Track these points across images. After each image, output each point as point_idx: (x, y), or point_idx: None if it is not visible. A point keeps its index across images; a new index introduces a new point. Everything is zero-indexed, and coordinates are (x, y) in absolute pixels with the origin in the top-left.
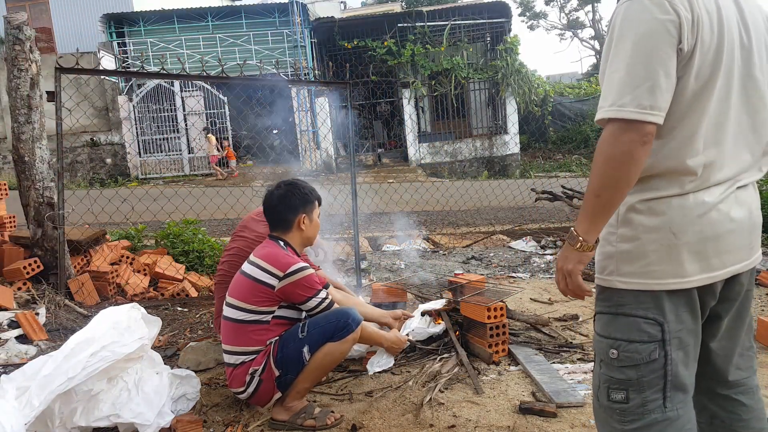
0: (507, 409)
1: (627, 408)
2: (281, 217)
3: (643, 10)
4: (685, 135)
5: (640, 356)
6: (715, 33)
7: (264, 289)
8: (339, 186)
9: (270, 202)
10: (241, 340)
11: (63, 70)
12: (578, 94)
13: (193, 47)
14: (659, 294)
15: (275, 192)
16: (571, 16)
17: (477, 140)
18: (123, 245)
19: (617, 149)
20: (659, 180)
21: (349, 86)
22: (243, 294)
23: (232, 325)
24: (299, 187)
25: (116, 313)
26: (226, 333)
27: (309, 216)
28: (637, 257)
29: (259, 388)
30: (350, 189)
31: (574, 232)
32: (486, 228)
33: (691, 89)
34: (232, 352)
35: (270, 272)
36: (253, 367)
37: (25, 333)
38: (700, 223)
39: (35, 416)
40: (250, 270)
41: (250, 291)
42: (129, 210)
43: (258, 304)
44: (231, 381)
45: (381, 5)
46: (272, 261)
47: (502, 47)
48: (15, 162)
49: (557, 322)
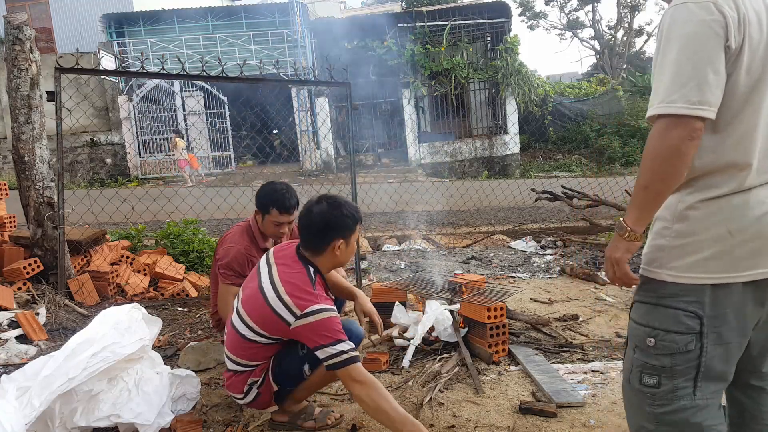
0: (507, 409)
1: (657, 392)
2: (317, 237)
3: (689, 12)
4: (741, 130)
5: (676, 346)
6: (764, 30)
7: (280, 323)
8: (339, 186)
9: (309, 219)
10: (246, 354)
11: (63, 70)
12: (578, 94)
13: (193, 47)
14: (703, 288)
15: (315, 208)
16: (571, 16)
17: (477, 140)
18: (123, 245)
19: (665, 144)
20: (718, 177)
21: (349, 86)
22: (258, 318)
23: (239, 338)
24: (343, 207)
25: (117, 314)
26: (231, 341)
27: (347, 241)
28: (689, 253)
29: (257, 399)
30: (350, 189)
31: (623, 222)
32: (486, 228)
33: (743, 84)
34: (234, 361)
35: (288, 307)
36: (252, 379)
37: (25, 333)
38: (758, 225)
39: (36, 416)
40: (270, 295)
41: (266, 319)
42: (129, 210)
43: (271, 333)
44: (229, 385)
45: (381, 5)
46: (292, 295)
47: (502, 47)
48: (15, 162)
49: (557, 322)
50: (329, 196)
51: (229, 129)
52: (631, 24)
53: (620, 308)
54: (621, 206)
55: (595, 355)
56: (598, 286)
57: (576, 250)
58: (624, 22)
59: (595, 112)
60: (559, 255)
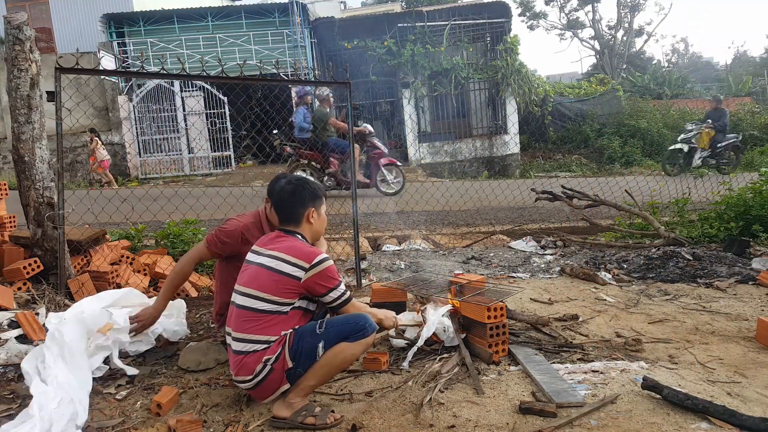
0: (507, 409)
1: None
2: (293, 210)
3: None
4: None
5: None
6: None
7: (290, 281)
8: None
9: (281, 196)
10: (255, 328)
11: (63, 70)
12: (578, 94)
13: (193, 47)
14: None
15: (286, 187)
16: (571, 16)
17: (477, 140)
18: (123, 245)
19: None
20: None
21: (349, 86)
22: (265, 285)
23: (246, 313)
24: (308, 182)
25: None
26: (238, 320)
27: (318, 210)
28: None
29: (268, 377)
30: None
31: None
32: (486, 228)
33: None
34: (243, 340)
35: (296, 264)
36: (267, 356)
37: (25, 333)
38: None
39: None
40: (274, 264)
41: (275, 283)
42: (129, 210)
43: (281, 296)
44: (238, 369)
45: (381, 5)
46: (297, 254)
47: (502, 47)
48: (15, 162)
49: (557, 322)
50: (295, 175)
51: (229, 129)
52: (631, 24)
53: (620, 308)
54: (621, 206)
55: (595, 355)
56: (598, 286)
57: (576, 250)
58: (624, 22)
59: (595, 112)
60: (559, 255)
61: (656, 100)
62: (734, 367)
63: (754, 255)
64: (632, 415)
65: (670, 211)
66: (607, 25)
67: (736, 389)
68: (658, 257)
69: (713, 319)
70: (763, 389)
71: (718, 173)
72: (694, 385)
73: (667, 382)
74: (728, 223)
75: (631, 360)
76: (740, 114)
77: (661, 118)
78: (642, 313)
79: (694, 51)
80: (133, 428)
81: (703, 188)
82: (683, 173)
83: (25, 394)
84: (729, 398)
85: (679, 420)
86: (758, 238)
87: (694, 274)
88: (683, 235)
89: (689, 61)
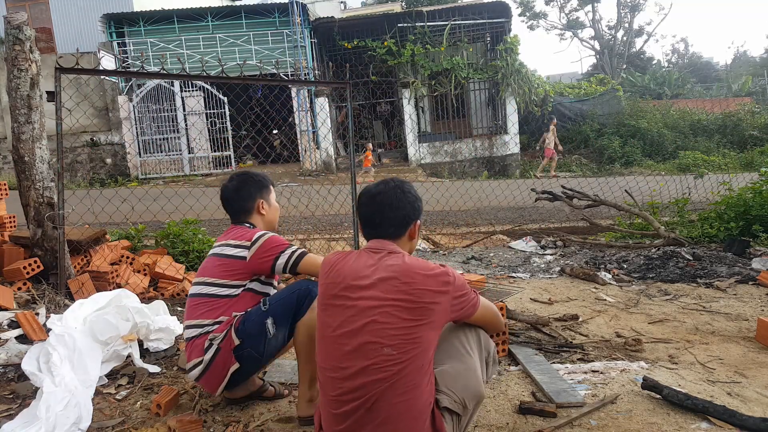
0: (507, 409)
1: None
2: (240, 206)
3: None
4: None
5: None
6: None
7: (236, 263)
8: (339, 186)
9: (226, 195)
10: (205, 312)
11: (63, 70)
12: (578, 94)
13: (193, 47)
14: None
15: (230, 185)
16: (571, 16)
17: (477, 140)
18: (123, 245)
19: None
20: None
21: (349, 86)
22: (214, 272)
23: (197, 299)
24: (252, 175)
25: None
26: (190, 310)
27: (267, 200)
28: None
29: (216, 358)
30: (350, 189)
31: None
32: (486, 228)
33: None
34: (193, 326)
35: (239, 246)
36: (214, 334)
37: (25, 333)
38: None
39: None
40: (221, 250)
41: (222, 267)
42: (129, 210)
43: (230, 278)
44: (189, 354)
45: (381, 5)
46: (239, 236)
47: (502, 47)
48: (15, 162)
49: (557, 322)
50: (238, 172)
51: (229, 129)
52: (631, 24)
53: (620, 308)
54: (621, 206)
55: (595, 355)
56: (598, 286)
57: (576, 250)
58: (624, 22)
59: (595, 112)
60: (559, 255)
61: (656, 100)
62: (734, 367)
63: (754, 255)
64: (632, 415)
65: (670, 211)
66: (607, 25)
67: (736, 389)
68: (658, 257)
69: (713, 319)
70: (763, 389)
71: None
72: (694, 385)
73: (667, 382)
74: (728, 223)
75: (631, 360)
76: (740, 114)
77: (661, 118)
78: (642, 313)
79: (694, 51)
80: (133, 428)
81: (703, 188)
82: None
83: (25, 394)
84: (729, 398)
85: (679, 420)
86: (758, 238)
87: (694, 274)
88: (683, 235)
89: (689, 61)
